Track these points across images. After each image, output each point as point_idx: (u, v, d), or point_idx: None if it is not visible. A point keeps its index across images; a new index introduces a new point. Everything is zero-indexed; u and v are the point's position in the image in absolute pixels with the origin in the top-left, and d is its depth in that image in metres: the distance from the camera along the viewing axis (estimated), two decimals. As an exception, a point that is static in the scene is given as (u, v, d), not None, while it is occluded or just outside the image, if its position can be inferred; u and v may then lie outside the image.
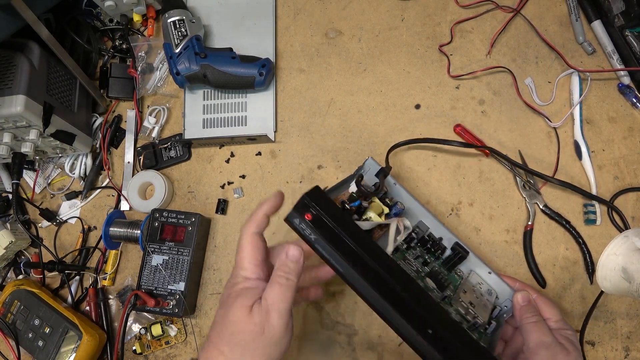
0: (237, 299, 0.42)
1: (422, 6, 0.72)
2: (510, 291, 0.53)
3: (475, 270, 0.55)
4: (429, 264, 0.55)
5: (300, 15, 0.74)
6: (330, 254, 0.42)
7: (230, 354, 0.41)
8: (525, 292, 0.51)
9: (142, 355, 0.67)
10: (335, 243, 0.42)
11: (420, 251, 0.56)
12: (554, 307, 0.51)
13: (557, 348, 0.47)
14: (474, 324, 0.49)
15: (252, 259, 0.44)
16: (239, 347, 0.41)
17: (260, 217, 0.45)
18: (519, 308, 0.51)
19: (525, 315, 0.50)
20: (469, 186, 0.65)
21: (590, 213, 0.61)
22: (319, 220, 0.42)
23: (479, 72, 0.68)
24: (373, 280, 0.41)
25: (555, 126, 0.65)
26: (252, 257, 0.44)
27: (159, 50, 0.75)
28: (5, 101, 0.59)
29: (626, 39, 0.63)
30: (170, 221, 0.66)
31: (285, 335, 0.42)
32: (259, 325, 0.41)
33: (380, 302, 0.41)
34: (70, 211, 0.74)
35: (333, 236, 0.42)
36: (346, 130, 0.69)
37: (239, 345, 0.41)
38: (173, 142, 0.73)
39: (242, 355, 0.41)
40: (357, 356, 0.63)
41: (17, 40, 0.64)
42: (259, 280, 0.44)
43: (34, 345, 0.65)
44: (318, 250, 0.42)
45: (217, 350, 0.42)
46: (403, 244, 0.55)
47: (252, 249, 0.44)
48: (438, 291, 0.51)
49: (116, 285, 0.71)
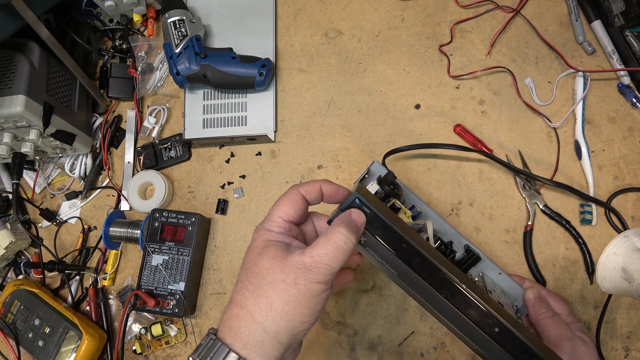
0: (264, 251, 0.39)
1: (422, 6, 0.72)
2: (521, 290, 0.54)
3: (485, 272, 0.55)
4: None
5: (300, 15, 0.74)
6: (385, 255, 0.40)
7: (255, 310, 0.37)
8: (535, 289, 0.53)
9: (142, 355, 0.67)
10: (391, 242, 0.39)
11: None
12: (562, 302, 0.53)
13: (577, 341, 0.49)
14: None
15: (286, 216, 0.41)
16: (265, 301, 0.37)
17: (316, 187, 0.42)
18: (532, 305, 0.52)
19: (540, 311, 0.51)
20: (469, 186, 0.65)
21: (586, 213, 0.61)
22: (374, 218, 0.39)
23: (479, 72, 0.68)
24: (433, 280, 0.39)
25: (555, 126, 0.65)
26: (287, 214, 0.41)
27: (159, 50, 0.75)
28: (5, 101, 0.59)
29: (626, 39, 0.63)
30: (170, 221, 0.66)
31: (319, 296, 0.37)
32: (292, 275, 0.37)
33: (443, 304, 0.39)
34: (70, 211, 0.74)
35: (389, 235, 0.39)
36: (346, 130, 0.69)
37: (265, 299, 0.37)
38: (173, 142, 0.73)
39: (269, 310, 0.37)
40: (357, 356, 0.63)
41: (17, 40, 0.64)
42: (285, 234, 0.41)
43: (34, 345, 0.65)
44: (371, 252, 0.40)
45: (237, 307, 0.38)
46: None
47: (290, 203, 0.41)
48: None
49: (116, 285, 0.71)
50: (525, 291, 0.53)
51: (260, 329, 0.37)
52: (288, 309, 0.36)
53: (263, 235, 0.40)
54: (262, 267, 0.38)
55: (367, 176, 0.56)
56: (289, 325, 0.37)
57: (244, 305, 0.38)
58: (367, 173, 0.56)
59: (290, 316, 0.37)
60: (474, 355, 0.61)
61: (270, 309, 0.37)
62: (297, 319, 0.37)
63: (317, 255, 0.37)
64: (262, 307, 0.37)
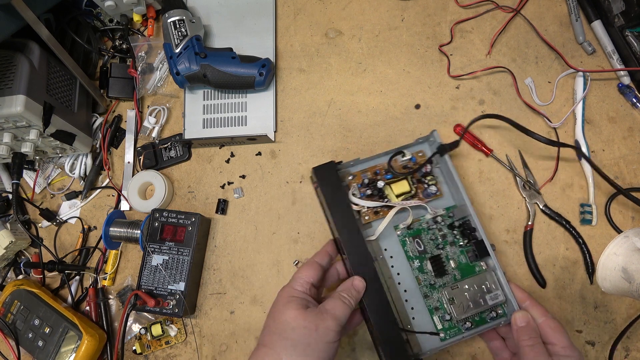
0: (289, 304, 0.48)
1: (422, 6, 0.72)
2: (514, 307, 0.52)
3: (496, 272, 0.55)
4: (444, 248, 0.57)
5: (300, 15, 0.74)
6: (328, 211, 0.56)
7: (282, 351, 0.46)
8: (524, 313, 0.50)
9: (142, 355, 0.67)
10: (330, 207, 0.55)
11: (449, 234, 0.58)
12: (561, 333, 0.48)
13: None
14: (442, 316, 0.55)
15: (307, 278, 0.52)
16: (290, 343, 0.46)
17: (324, 252, 0.56)
18: (516, 329, 0.50)
19: (522, 337, 0.49)
20: (469, 186, 0.65)
21: (586, 213, 0.61)
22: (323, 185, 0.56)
23: (479, 72, 0.68)
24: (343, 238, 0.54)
25: (555, 126, 0.65)
26: (308, 277, 0.52)
27: (159, 50, 0.75)
28: (5, 101, 0.59)
29: (626, 39, 0.63)
30: (170, 221, 0.66)
31: (334, 342, 0.47)
32: (313, 323, 0.46)
33: None
34: (70, 211, 0.74)
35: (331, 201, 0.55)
36: (346, 130, 0.69)
37: (290, 342, 0.46)
38: (173, 142, 0.73)
39: (294, 351, 0.45)
40: (357, 356, 0.63)
41: (17, 40, 0.64)
42: (305, 294, 0.51)
43: (34, 346, 0.65)
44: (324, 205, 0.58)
45: (266, 348, 0.47)
46: (427, 224, 0.58)
47: (311, 272, 0.52)
48: (431, 274, 0.56)
49: (116, 285, 0.71)
50: (514, 313, 0.51)
51: None
52: (309, 351, 0.45)
53: (288, 292, 0.51)
54: (287, 315, 0.47)
55: None
56: None
57: (272, 346, 0.46)
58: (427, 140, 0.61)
59: (311, 357, 0.45)
60: (474, 355, 0.61)
61: (295, 350, 0.45)
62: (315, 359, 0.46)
63: (329, 307, 0.48)
64: (288, 348, 0.45)
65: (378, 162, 0.61)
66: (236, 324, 0.66)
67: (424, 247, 0.57)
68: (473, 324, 0.54)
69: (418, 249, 0.57)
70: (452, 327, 0.54)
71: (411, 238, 0.58)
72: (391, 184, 0.59)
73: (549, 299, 0.61)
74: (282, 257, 0.67)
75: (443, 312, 0.55)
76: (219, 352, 0.66)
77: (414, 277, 0.57)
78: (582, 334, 0.60)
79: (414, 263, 0.57)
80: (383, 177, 0.60)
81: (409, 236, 0.58)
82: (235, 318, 0.66)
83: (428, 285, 0.56)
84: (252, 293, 0.67)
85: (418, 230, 0.58)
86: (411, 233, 0.58)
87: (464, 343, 0.61)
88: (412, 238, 0.58)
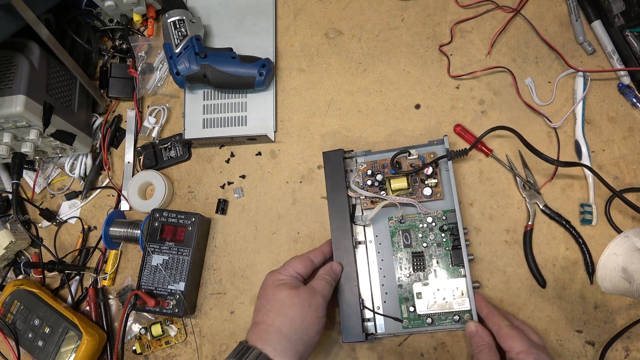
0: (280, 287, 0.54)
1: (422, 6, 0.72)
2: (474, 317, 0.56)
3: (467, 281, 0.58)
4: (430, 246, 0.61)
5: (300, 15, 0.74)
6: None
7: (281, 325, 0.51)
8: (474, 323, 0.55)
9: (142, 355, 0.67)
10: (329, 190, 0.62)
11: (438, 235, 0.61)
12: (515, 339, 0.51)
13: None
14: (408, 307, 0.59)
15: (296, 269, 0.57)
16: (288, 319, 0.51)
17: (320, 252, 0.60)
18: (468, 336, 0.55)
19: (472, 343, 0.54)
20: (469, 186, 0.65)
21: (586, 213, 0.61)
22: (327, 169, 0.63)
23: (479, 72, 0.68)
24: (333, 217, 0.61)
25: (555, 126, 0.65)
26: (297, 268, 0.57)
27: (159, 50, 0.75)
28: (5, 101, 0.59)
29: (626, 39, 0.63)
30: (170, 221, 0.66)
31: (323, 316, 0.54)
32: (306, 300, 0.53)
33: None
34: (70, 211, 0.74)
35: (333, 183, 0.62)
36: (346, 130, 0.69)
37: (288, 317, 0.51)
38: (173, 142, 0.73)
39: (291, 325, 0.51)
40: (357, 356, 0.63)
41: (17, 40, 0.64)
42: (294, 279, 0.56)
43: (34, 345, 0.65)
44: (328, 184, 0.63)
45: (265, 324, 0.51)
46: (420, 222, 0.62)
47: (301, 265, 0.58)
48: (407, 268, 0.61)
49: (116, 285, 0.71)
50: (468, 322, 0.55)
51: (285, 339, 0.50)
52: (305, 324, 0.52)
53: (277, 277, 0.56)
54: (281, 295, 0.53)
55: None
56: (305, 337, 0.51)
57: (270, 322, 0.51)
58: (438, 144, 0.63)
59: (306, 330, 0.52)
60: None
61: (293, 323, 0.51)
62: (310, 332, 0.52)
63: (317, 286, 0.55)
64: (287, 323, 0.51)
65: (387, 156, 0.64)
66: (236, 324, 0.66)
67: (411, 242, 0.61)
68: (434, 321, 0.58)
69: (405, 242, 0.61)
70: (417, 318, 0.59)
71: (401, 231, 0.62)
72: (392, 179, 0.62)
73: (549, 299, 0.61)
74: (282, 257, 0.67)
75: (410, 304, 0.59)
76: (219, 352, 0.66)
77: (394, 266, 0.61)
78: (582, 334, 0.60)
79: (397, 254, 0.61)
80: (389, 171, 0.63)
81: (400, 229, 0.62)
82: (235, 318, 0.66)
83: (404, 277, 0.60)
84: (252, 293, 0.67)
85: (410, 225, 0.62)
86: (403, 227, 0.62)
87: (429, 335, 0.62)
88: (401, 231, 0.62)
